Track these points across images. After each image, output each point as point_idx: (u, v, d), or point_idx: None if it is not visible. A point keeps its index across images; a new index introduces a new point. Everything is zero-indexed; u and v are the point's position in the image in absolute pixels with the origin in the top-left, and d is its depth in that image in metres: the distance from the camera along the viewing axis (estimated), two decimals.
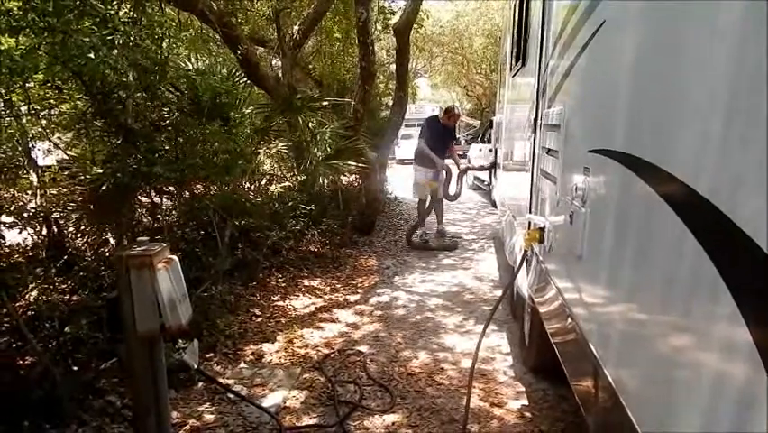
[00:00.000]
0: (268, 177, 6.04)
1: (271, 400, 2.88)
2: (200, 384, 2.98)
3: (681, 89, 1.11)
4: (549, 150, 2.56)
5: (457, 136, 7.35)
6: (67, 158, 4.59)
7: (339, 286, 4.99)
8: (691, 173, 1.01)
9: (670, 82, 1.17)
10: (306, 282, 4.99)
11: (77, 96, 4.11)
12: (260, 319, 4.03)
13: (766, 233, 0.74)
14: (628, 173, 1.36)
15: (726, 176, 0.90)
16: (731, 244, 0.84)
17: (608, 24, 1.63)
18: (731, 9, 0.93)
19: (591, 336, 1.65)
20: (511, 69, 4.80)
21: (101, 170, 3.98)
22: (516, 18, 4.34)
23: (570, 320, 1.92)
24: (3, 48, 2.88)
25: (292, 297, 4.59)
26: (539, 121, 2.88)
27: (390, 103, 9.11)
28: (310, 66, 9.07)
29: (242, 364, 3.30)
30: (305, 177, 5.90)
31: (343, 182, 7.85)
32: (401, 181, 10.11)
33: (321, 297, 4.66)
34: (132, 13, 3.97)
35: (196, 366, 2.40)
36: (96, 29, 3.05)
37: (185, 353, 2.38)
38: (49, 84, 3.63)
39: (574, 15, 2.09)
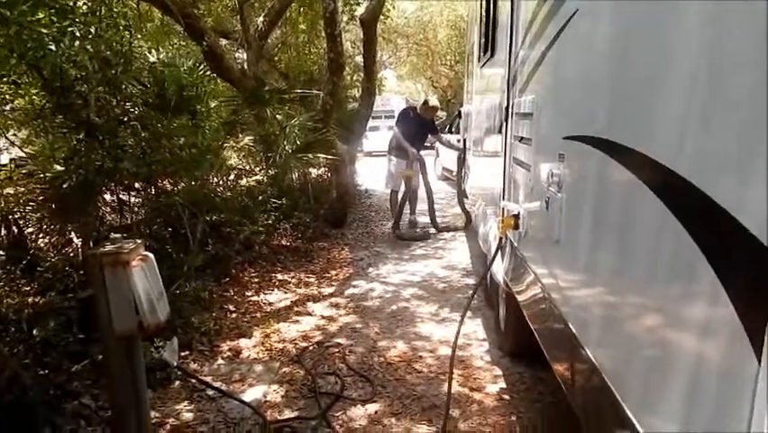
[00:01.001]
0: (237, 171, 5.94)
1: (251, 395, 2.86)
2: (177, 383, 2.92)
3: (657, 74, 1.15)
4: (522, 138, 2.61)
5: (436, 127, 7.45)
6: (23, 155, 4.41)
7: (313, 279, 4.97)
8: (670, 155, 1.05)
9: (645, 67, 1.21)
10: (279, 276, 4.95)
11: (35, 91, 3.95)
12: (235, 315, 3.98)
13: (750, 212, 0.78)
14: (605, 158, 1.40)
15: (706, 156, 0.94)
16: (715, 223, 0.88)
17: (581, 12, 1.67)
18: None
19: (571, 317, 1.70)
20: (479, 59, 4.85)
21: (62, 168, 3.84)
22: (484, 9, 4.39)
23: (548, 304, 1.97)
24: None
25: (266, 291, 4.55)
26: (510, 110, 2.92)
27: (357, 95, 9.08)
28: (276, 58, 8.95)
29: (220, 361, 3.26)
30: (275, 170, 5.83)
31: (314, 175, 7.80)
32: (371, 173, 10.11)
33: (295, 291, 4.64)
34: (90, 3, 3.83)
35: (176, 364, 2.35)
36: (54, 20, 2.93)
37: (164, 351, 2.34)
38: (4, 79, 3.47)
39: (545, 5, 2.13)
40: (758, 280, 0.75)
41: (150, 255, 2.10)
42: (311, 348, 3.45)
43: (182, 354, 3.22)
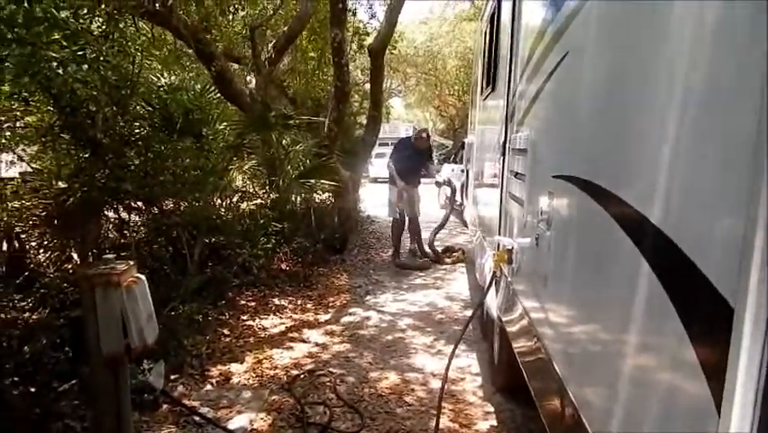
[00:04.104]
0: (240, 194, 6.00)
1: (238, 422, 2.83)
2: (165, 406, 2.90)
3: (635, 120, 1.17)
4: (517, 173, 2.63)
5: (432, 158, 7.43)
6: (30, 170, 4.48)
7: (310, 305, 4.95)
8: (643, 201, 1.06)
9: (624, 113, 1.23)
10: (276, 301, 4.94)
11: (45, 109, 4.03)
12: (228, 339, 3.96)
13: (715, 268, 0.79)
14: (587, 199, 1.41)
15: (675, 204, 0.95)
16: (678, 268, 0.88)
17: (572, 54, 1.71)
18: (681, 39, 0.99)
19: (556, 355, 1.69)
20: (482, 92, 4.92)
21: (66, 185, 3.90)
22: (487, 43, 4.47)
23: (536, 340, 1.96)
24: None
25: (262, 316, 4.54)
26: (508, 144, 2.95)
27: (365, 122, 9.20)
28: (285, 84, 9.10)
29: (209, 386, 3.23)
30: (277, 194, 5.88)
31: (317, 200, 7.85)
32: (375, 200, 10.14)
33: (291, 316, 4.62)
34: (104, 27, 3.94)
35: (161, 388, 2.34)
36: (65, 43, 3.02)
37: (150, 374, 2.33)
38: (15, 96, 3.56)
39: (541, 44, 2.18)
40: (716, 330, 0.75)
41: (142, 277, 2.12)
42: (302, 376, 3.42)
43: (172, 376, 3.20)
